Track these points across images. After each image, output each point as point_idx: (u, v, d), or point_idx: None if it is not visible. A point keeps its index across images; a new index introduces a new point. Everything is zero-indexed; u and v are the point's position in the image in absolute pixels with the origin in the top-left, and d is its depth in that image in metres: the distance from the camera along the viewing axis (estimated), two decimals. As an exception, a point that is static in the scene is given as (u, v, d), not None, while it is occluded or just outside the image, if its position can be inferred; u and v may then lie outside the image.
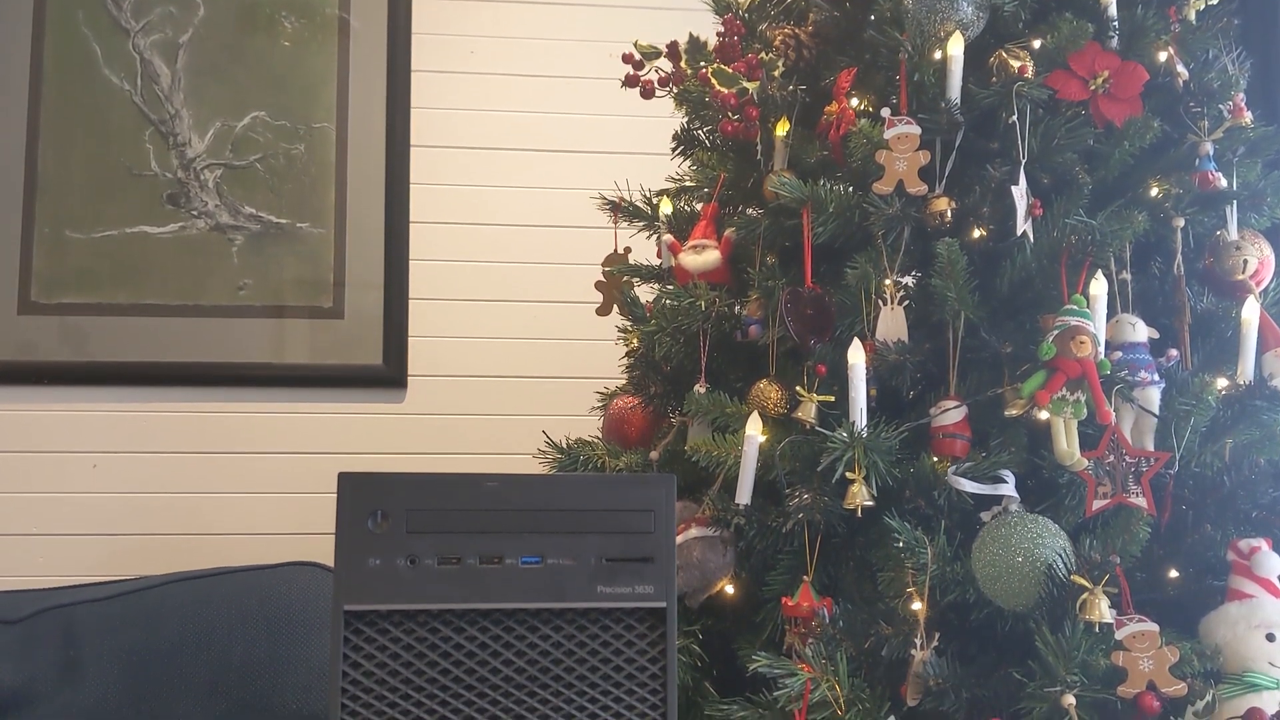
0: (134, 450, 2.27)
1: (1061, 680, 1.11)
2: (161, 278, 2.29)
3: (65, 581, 2.03)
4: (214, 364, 2.28)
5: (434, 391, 2.32)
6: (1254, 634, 1.18)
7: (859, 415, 1.24)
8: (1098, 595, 1.13)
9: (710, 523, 1.37)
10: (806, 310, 1.36)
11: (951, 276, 1.26)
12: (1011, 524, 1.20)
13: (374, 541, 0.74)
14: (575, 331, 2.31)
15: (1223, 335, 1.41)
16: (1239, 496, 1.29)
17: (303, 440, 2.29)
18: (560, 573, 0.76)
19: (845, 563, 1.35)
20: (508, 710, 0.76)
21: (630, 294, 1.62)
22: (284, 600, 1.90)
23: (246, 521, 2.27)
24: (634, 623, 0.77)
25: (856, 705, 1.18)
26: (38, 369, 2.26)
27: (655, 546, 0.77)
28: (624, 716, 0.77)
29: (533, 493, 0.76)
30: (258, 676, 1.84)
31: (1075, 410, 1.20)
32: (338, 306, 2.31)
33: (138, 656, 1.84)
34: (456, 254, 2.36)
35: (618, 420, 1.67)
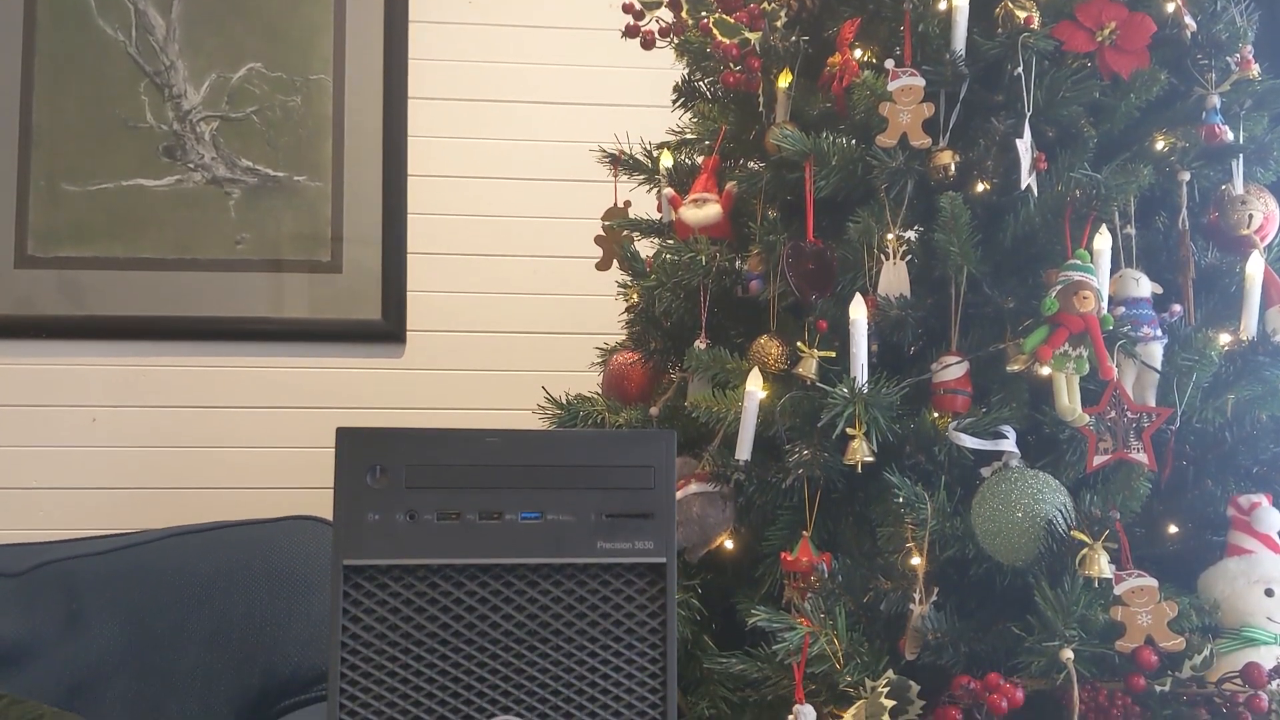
0: (133, 404, 2.27)
1: (1060, 635, 1.11)
2: (158, 231, 2.27)
3: (66, 535, 2.03)
4: (212, 318, 2.27)
5: (433, 346, 2.32)
6: (1253, 589, 1.19)
7: (860, 371, 1.24)
8: (1097, 550, 1.14)
9: (710, 478, 1.37)
10: (808, 265, 1.35)
11: (954, 231, 1.25)
12: (1012, 479, 1.20)
13: (373, 497, 0.74)
14: (575, 286, 2.30)
15: (1226, 290, 1.40)
16: (1240, 452, 1.29)
17: (302, 395, 2.29)
18: (560, 528, 0.75)
19: (844, 518, 1.35)
20: (508, 664, 0.76)
21: (630, 248, 1.61)
22: (284, 554, 1.91)
23: (246, 475, 2.27)
24: (634, 578, 0.77)
25: (855, 659, 1.19)
26: (36, 323, 2.25)
27: (655, 502, 0.77)
28: (624, 670, 0.77)
29: (532, 448, 0.75)
30: (259, 630, 1.85)
31: (1077, 366, 1.19)
32: (336, 261, 2.29)
33: (139, 610, 1.85)
34: (455, 208, 2.34)
35: (618, 376, 1.66)
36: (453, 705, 0.75)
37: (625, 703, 0.77)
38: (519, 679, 0.76)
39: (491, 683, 0.75)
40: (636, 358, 1.65)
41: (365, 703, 0.74)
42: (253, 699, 1.82)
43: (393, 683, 0.74)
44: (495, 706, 0.75)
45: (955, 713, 1.14)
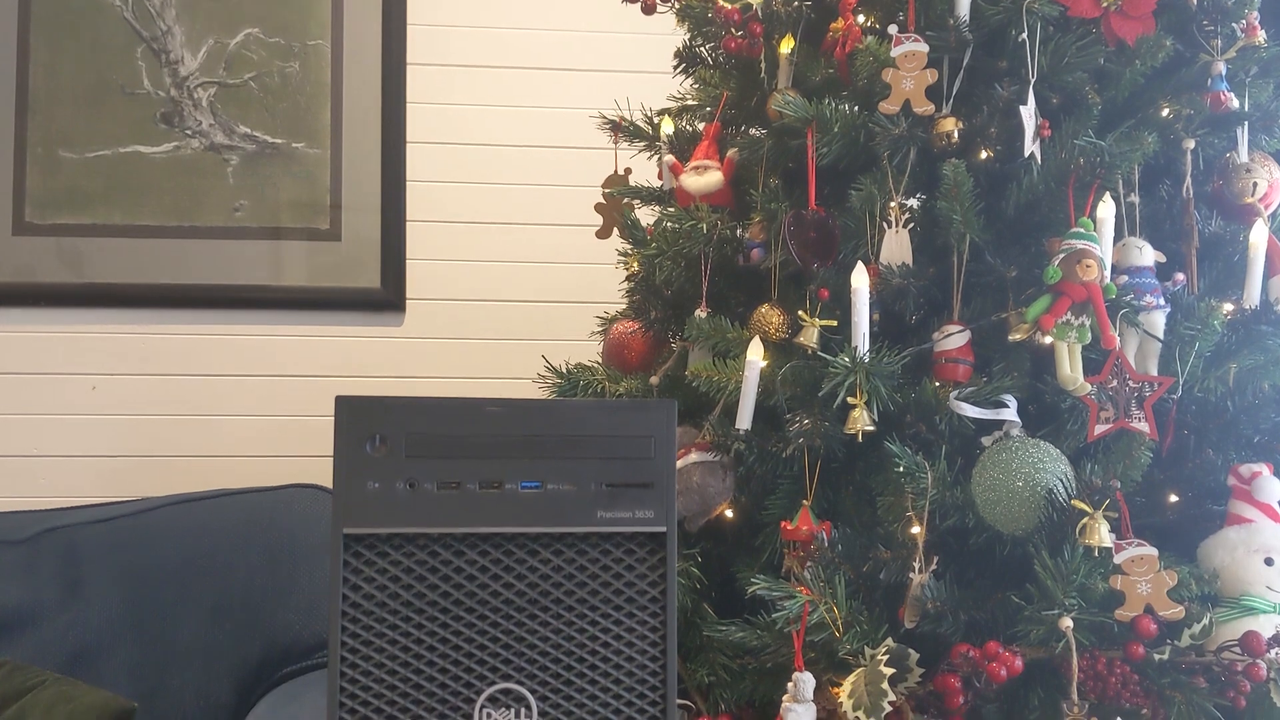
0: (133, 372, 2.27)
1: (1059, 603, 1.11)
2: (156, 198, 2.27)
3: (67, 502, 2.04)
4: (212, 286, 2.27)
5: (432, 315, 2.31)
6: (1252, 558, 1.19)
7: (861, 340, 1.23)
8: (1098, 520, 1.14)
9: (710, 448, 1.37)
10: (810, 233, 1.35)
11: (957, 199, 1.24)
12: (1012, 449, 1.20)
13: (373, 465, 0.74)
14: (575, 255, 2.30)
15: (1230, 259, 1.40)
16: (1241, 422, 1.29)
17: (301, 363, 2.29)
18: (560, 498, 0.75)
19: (844, 487, 1.35)
20: (508, 633, 0.76)
21: (631, 216, 1.60)
22: (285, 522, 1.91)
23: (246, 444, 2.27)
24: (634, 547, 0.77)
25: (854, 627, 1.19)
26: (35, 291, 2.25)
27: (655, 471, 0.76)
28: (624, 638, 0.77)
29: (532, 418, 0.75)
30: (259, 598, 1.86)
31: (1080, 335, 1.19)
32: (335, 229, 2.29)
33: (140, 577, 1.86)
34: (454, 175, 2.33)
35: (618, 345, 1.66)
36: (453, 673, 0.75)
37: (625, 670, 0.77)
38: (519, 647, 0.76)
39: (492, 650, 0.75)
40: (637, 327, 1.64)
41: (366, 670, 0.74)
42: (253, 666, 1.83)
43: (393, 650, 0.74)
44: (495, 675, 0.75)
45: (954, 681, 1.14)
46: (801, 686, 1.16)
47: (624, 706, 0.77)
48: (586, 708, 0.77)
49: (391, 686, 0.74)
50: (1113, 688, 1.11)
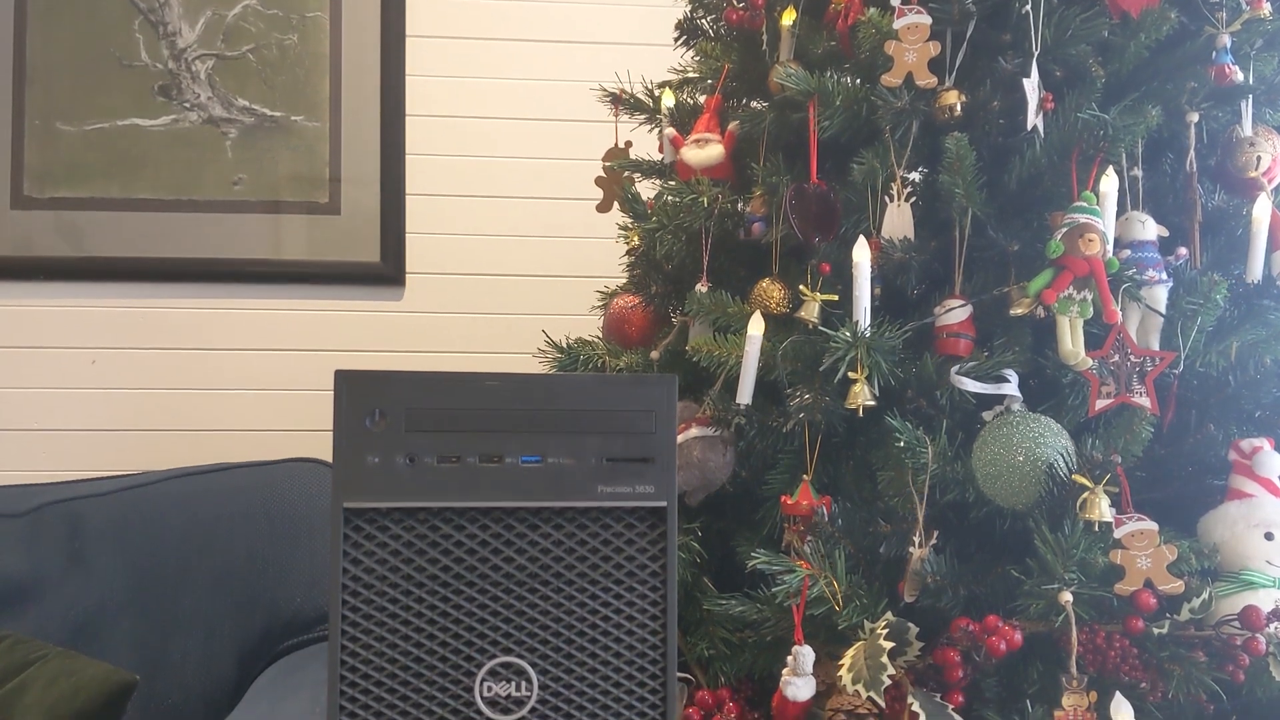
0: (133, 346, 2.27)
1: (1059, 578, 1.12)
2: (155, 171, 2.26)
3: (67, 476, 2.04)
4: (211, 260, 2.27)
5: (433, 289, 2.31)
6: (1253, 533, 1.19)
7: (862, 314, 1.23)
8: (1098, 494, 1.14)
9: (711, 422, 1.37)
10: (811, 207, 1.34)
11: (960, 172, 1.24)
12: (1013, 423, 1.20)
13: (372, 440, 0.73)
14: (575, 229, 2.29)
15: (1233, 234, 1.39)
16: (1243, 396, 1.29)
17: (302, 337, 2.29)
18: (560, 472, 0.75)
19: (845, 462, 1.35)
20: (508, 607, 0.76)
21: (631, 190, 1.59)
22: (285, 496, 1.92)
23: (246, 418, 2.27)
24: (634, 521, 0.76)
25: (854, 601, 1.19)
26: (34, 264, 2.24)
27: (656, 446, 0.76)
28: (624, 612, 0.77)
29: (533, 392, 0.75)
30: (261, 571, 1.86)
31: (1081, 309, 1.19)
32: (334, 202, 2.28)
33: (141, 551, 1.86)
34: (454, 149, 2.32)
35: (618, 319, 1.66)
36: (454, 646, 0.75)
37: (626, 644, 0.77)
38: (520, 621, 0.76)
39: (492, 624, 0.76)
40: (637, 301, 1.64)
41: (367, 644, 0.74)
42: (255, 639, 1.84)
43: (394, 624, 0.74)
44: (496, 648, 0.75)
45: (954, 654, 1.15)
46: (801, 660, 1.16)
47: (624, 680, 0.77)
48: (587, 680, 0.77)
49: (392, 660, 0.74)
50: (1112, 661, 1.12)
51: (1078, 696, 1.10)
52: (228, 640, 1.84)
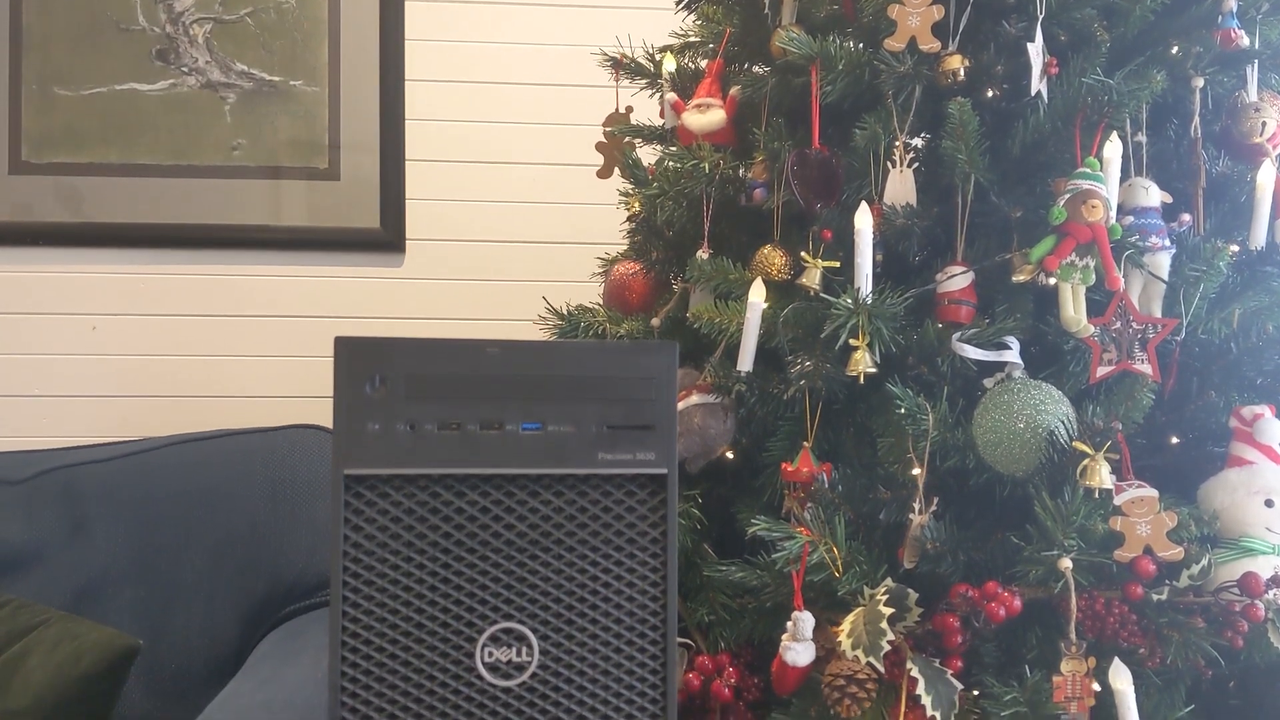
0: (133, 313, 2.27)
1: (1059, 544, 1.12)
2: (153, 136, 2.25)
3: (68, 442, 2.04)
4: (211, 226, 2.26)
5: (433, 255, 2.30)
6: (1253, 500, 1.19)
7: (864, 281, 1.22)
8: (1099, 461, 1.14)
9: (711, 390, 1.36)
10: (813, 173, 1.33)
11: (963, 138, 1.23)
12: (1014, 390, 1.20)
13: (373, 406, 0.73)
14: (576, 195, 2.28)
15: (1237, 200, 1.38)
16: (1245, 363, 1.28)
17: (302, 304, 2.28)
18: (561, 439, 0.75)
19: (845, 429, 1.35)
20: (509, 573, 0.76)
21: (632, 156, 1.59)
22: (286, 462, 1.92)
23: (246, 384, 2.27)
24: (635, 488, 0.76)
25: (854, 568, 1.20)
26: (33, 230, 2.24)
27: (656, 413, 0.76)
28: (625, 578, 0.77)
29: (533, 359, 0.75)
30: (262, 537, 1.87)
31: (1084, 276, 1.18)
32: (334, 168, 2.27)
33: (143, 516, 1.87)
34: (453, 114, 2.31)
35: (619, 286, 1.65)
36: (455, 613, 0.75)
37: (626, 610, 0.77)
38: (520, 587, 0.76)
39: (493, 590, 0.76)
40: (638, 268, 1.63)
41: (368, 610, 0.74)
42: (257, 604, 1.85)
43: (395, 590, 0.75)
44: (497, 614, 0.76)
45: (953, 620, 1.15)
46: (800, 625, 1.16)
47: (625, 645, 0.77)
48: (588, 646, 0.77)
49: (393, 625, 0.74)
50: (1111, 627, 1.12)
51: (1076, 662, 1.11)
52: (230, 605, 1.85)
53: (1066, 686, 1.10)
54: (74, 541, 1.84)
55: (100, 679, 1.63)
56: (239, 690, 1.53)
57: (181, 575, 1.85)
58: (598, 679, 0.77)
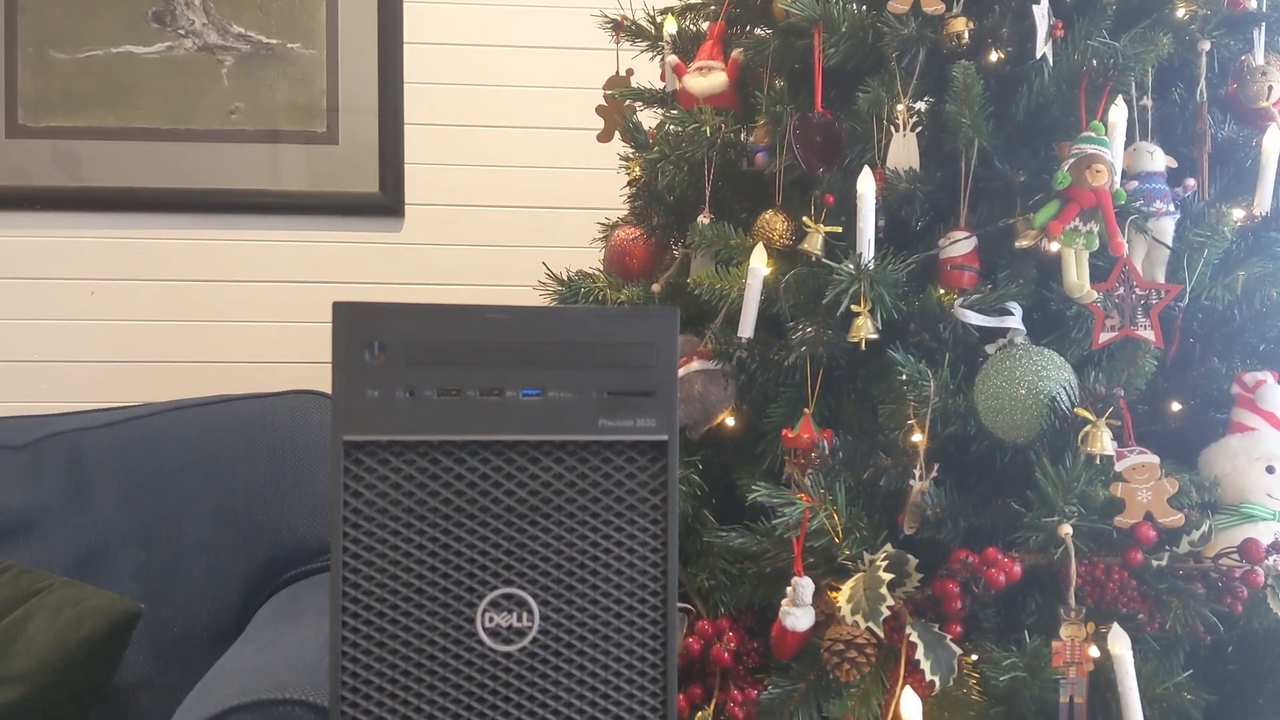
0: (131, 277, 2.26)
1: (1059, 511, 1.12)
2: (151, 100, 2.23)
3: (68, 407, 2.04)
4: (210, 190, 2.24)
5: (432, 221, 2.29)
6: (1254, 466, 1.19)
7: (866, 246, 1.22)
8: (1100, 428, 1.13)
9: (712, 356, 1.36)
10: (815, 137, 1.32)
11: (966, 102, 1.22)
12: (1016, 356, 1.19)
13: (372, 373, 0.73)
14: (576, 159, 2.27)
15: (1242, 165, 1.37)
16: (1248, 330, 1.28)
17: (300, 269, 2.27)
18: (561, 405, 0.74)
19: (846, 396, 1.35)
20: (510, 539, 0.76)
21: (632, 119, 1.57)
22: (287, 428, 1.92)
23: (246, 349, 2.27)
24: (635, 455, 0.76)
25: (854, 533, 1.20)
26: (31, 194, 2.22)
27: (657, 380, 0.76)
28: (625, 545, 0.77)
29: (533, 325, 0.74)
30: (264, 502, 1.87)
31: (1087, 241, 1.17)
32: (332, 132, 2.25)
33: (144, 482, 1.87)
34: (453, 77, 2.29)
35: (619, 252, 1.64)
36: (455, 578, 0.75)
37: (627, 576, 0.77)
38: (521, 553, 0.76)
39: (494, 556, 0.76)
40: (639, 233, 1.63)
41: (368, 575, 0.74)
42: (259, 569, 1.85)
43: (395, 556, 0.75)
44: (498, 580, 0.76)
45: (952, 586, 1.15)
46: (800, 591, 1.17)
47: (625, 610, 0.77)
48: (588, 612, 0.77)
49: (394, 591, 0.74)
50: (1110, 593, 1.12)
51: (1075, 628, 1.11)
52: (231, 570, 1.85)
53: (1065, 651, 1.10)
54: (75, 506, 1.84)
55: (102, 643, 1.64)
56: (241, 654, 1.54)
57: (183, 540, 1.85)
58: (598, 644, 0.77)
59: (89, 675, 1.64)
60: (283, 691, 1.33)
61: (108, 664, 1.67)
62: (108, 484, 1.86)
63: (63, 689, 1.61)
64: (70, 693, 1.63)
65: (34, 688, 1.58)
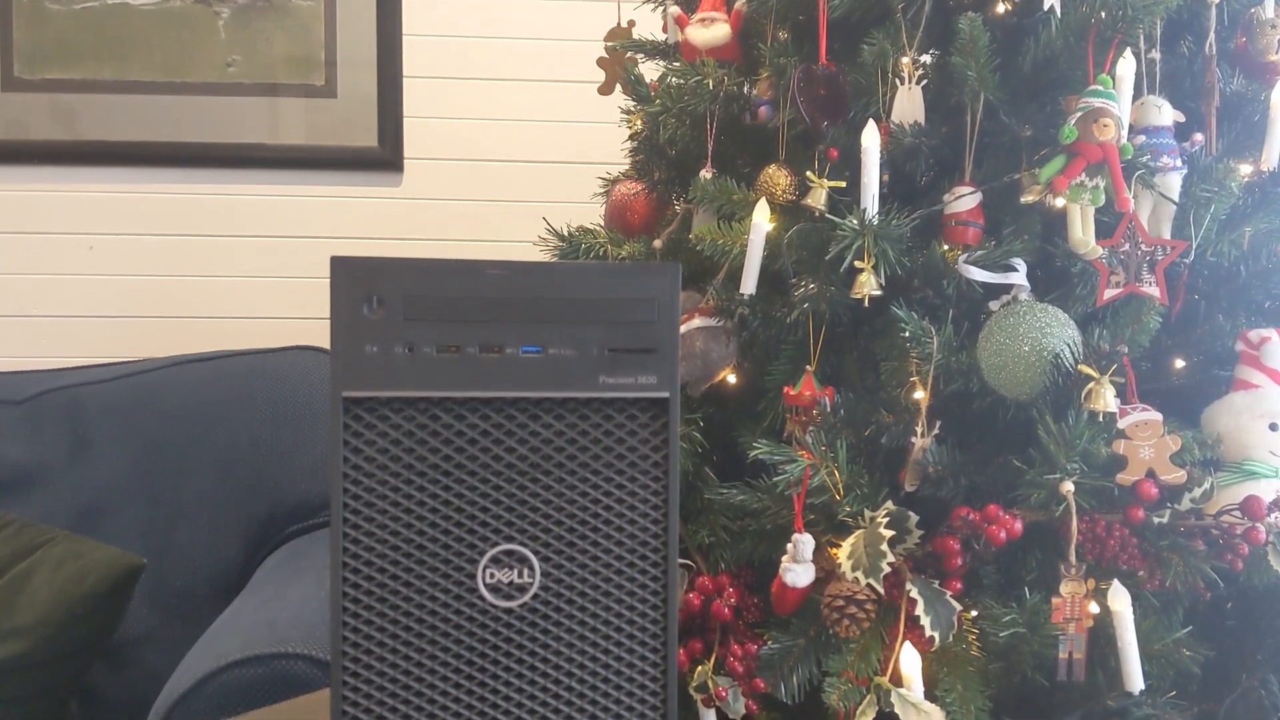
0: (130, 232, 2.25)
1: (1061, 468, 1.12)
2: (147, 52, 2.21)
3: (67, 363, 2.04)
4: (208, 144, 2.23)
5: (432, 175, 2.28)
6: (1257, 423, 1.19)
7: (870, 202, 1.20)
8: (1103, 385, 1.13)
9: (714, 313, 1.35)
10: (819, 90, 1.30)
11: (973, 54, 1.20)
12: (1020, 313, 1.19)
13: (370, 328, 0.72)
14: (577, 113, 2.25)
15: (1250, 119, 1.36)
16: (1254, 287, 1.27)
17: (299, 224, 2.26)
18: (562, 362, 0.74)
19: (848, 353, 1.34)
20: (510, 495, 0.75)
21: (634, 72, 1.55)
22: (287, 384, 1.92)
23: (245, 305, 2.26)
24: (636, 412, 0.76)
25: (854, 490, 1.20)
26: (28, 148, 2.21)
27: (658, 337, 0.75)
28: (626, 501, 0.77)
29: (533, 281, 0.73)
30: (265, 458, 1.87)
31: (1093, 197, 1.16)
32: (330, 85, 2.23)
33: (145, 437, 1.87)
34: (451, 29, 2.26)
35: (620, 207, 1.63)
36: (456, 535, 0.75)
37: (627, 533, 0.77)
38: (522, 510, 0.76)
39: (494, 513, 0.75)
40: (640, 188, 1.61)
41: (369, 531, 0.74)
42: (260, 524, 1.86)
43: (396, 512, 0.74)
44: (499, 536, 0.75)
45: (953, 543, 1.15)
46: (801, 547, 1.17)
47: (626, 567, 0.77)
48: (589, 568, 0.77)
49: (395, 547, 0.74)
50: (1111, 550, 1.12)
51: (1075, 584, 1.11)
52: (233, 525, 1.86)
53: (1065, 608, 1.11)
54: (77, 461, 1.85)
55: (105, 597, 1.65)
56: (243, 608, 1.55)
57: (184, 495, 1.85)
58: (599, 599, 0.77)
59: (92, 629, 1.65)
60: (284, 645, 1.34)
61: (111, 618, 1.68)
62: (108, 439, 1.87)
63: (66, 642, 1.62)
64: (74, 646, 1.64)
65: (37, 641, 1.60)
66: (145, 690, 1.64)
